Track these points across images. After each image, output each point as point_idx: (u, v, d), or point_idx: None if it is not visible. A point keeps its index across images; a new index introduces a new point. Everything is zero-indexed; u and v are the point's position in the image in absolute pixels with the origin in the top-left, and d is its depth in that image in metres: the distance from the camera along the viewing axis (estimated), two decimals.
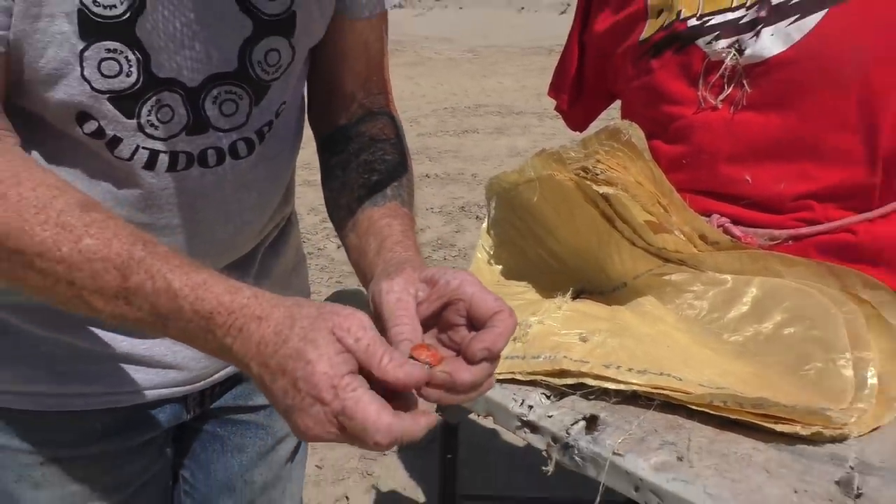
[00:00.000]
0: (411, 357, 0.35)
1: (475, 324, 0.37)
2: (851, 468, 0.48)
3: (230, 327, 0.34)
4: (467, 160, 3.86)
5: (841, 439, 0.51)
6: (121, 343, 0.50)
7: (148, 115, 0.42)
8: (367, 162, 0.51)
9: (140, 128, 0.42)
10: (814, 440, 0.51)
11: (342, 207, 0.50)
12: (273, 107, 0.48)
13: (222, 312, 0.34)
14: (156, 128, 0.43)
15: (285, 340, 0.33)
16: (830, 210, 0.68)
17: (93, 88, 0.40)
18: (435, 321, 0.39)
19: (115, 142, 0.42)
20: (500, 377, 0.60)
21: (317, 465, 1.51)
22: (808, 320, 0.59)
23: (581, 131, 0.91)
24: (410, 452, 1.53)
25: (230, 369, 0.57)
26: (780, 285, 0.63)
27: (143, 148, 0.43)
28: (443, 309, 0.38)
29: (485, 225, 0.80)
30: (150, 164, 0.44)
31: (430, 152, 4.05)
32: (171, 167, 0.44)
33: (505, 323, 0.37)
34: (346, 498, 1.42)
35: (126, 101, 0.41)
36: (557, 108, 0.94)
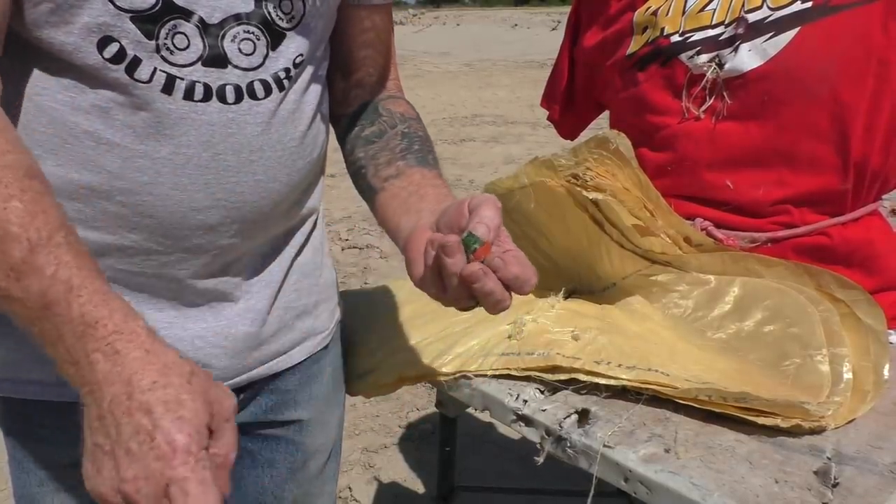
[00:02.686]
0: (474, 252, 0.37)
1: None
2: (829, 459, 0.48)
3: (108, 344, 0.30)
4: (465, 167, 3.86)
5: (819, 431, 0.51)
6: None
7: (165, 39, 0.42)
8: (406, 134, 0.52)
9: (157, 49, 0.42)
10: (793, 432, 0.50)
11: (381, 163, 0.50)
12: (290, 55, 0.47)
13: (108, 326, 0.31)
14: (171, 52, 0.42)
15: (166, 386, 0.30)
16: (806, 214, 0.68)
17: (116, 7, 0.40)
18: None
19: (134, 63, 0.42)
20: (496, 373, 0.60)
21: None
22: (787, 318, 0.59)
23: (572, 140, 0.91)
24: (410, 445, 1.53)
25: (254, 373, 0.54)
26: (760, 285, 0.63)
27: (161, 71, 0.42)
28: None
29: None
30: (168, 89, 0.43)
31: None
32: (189, 95, 0.44)
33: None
34: (350, 489, 1.41)
35: (146, 22, 0.41)
36: (549, 118, 0.94)
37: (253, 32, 0.45)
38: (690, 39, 0.70)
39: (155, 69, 0.42)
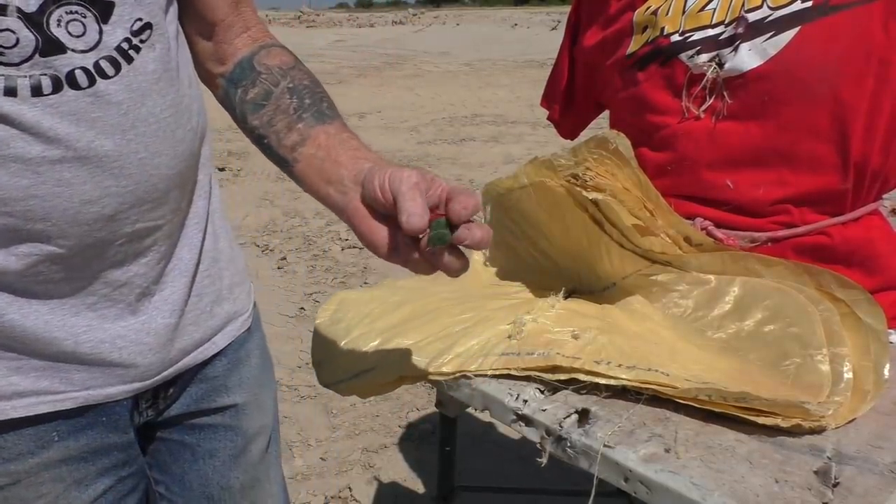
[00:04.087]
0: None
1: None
2: (829, 458, 0.48)
3: None
4: (465, 167, 3.87)
5: (819, 431, 0.51)
6: (64, 342, 0.46)
7: None
8: (291, 89, 0.51)
9: None
10: (793, 432, 0.51)
11: (280, 129, 0.49)
12: (126, 23, 0.45)
13: None
14: (2, 54, 0.40)
15: None
16: (806, 214, 0.68)
17: None
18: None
19: None
20: (496, 373, 0.60)
21: (321, 458, 1.51)
22: (787, 318, 0.59)
23: (571, 140, 0.91)
24: (410, 445, 1.53)
25: (180, 365, 0.53)
26: (760, 285, 0.63)
27: None
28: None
29: None
30: (11, 91, 0.40)
31: (430, 159, 4.06)
32: (37, 92, 0.41)
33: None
34: (349, 489, 1.41)
35: None
36: (549, 118, 0.94)
37: (77, 11, 0.42)
38: (690, 39, 0.70)
39: None
